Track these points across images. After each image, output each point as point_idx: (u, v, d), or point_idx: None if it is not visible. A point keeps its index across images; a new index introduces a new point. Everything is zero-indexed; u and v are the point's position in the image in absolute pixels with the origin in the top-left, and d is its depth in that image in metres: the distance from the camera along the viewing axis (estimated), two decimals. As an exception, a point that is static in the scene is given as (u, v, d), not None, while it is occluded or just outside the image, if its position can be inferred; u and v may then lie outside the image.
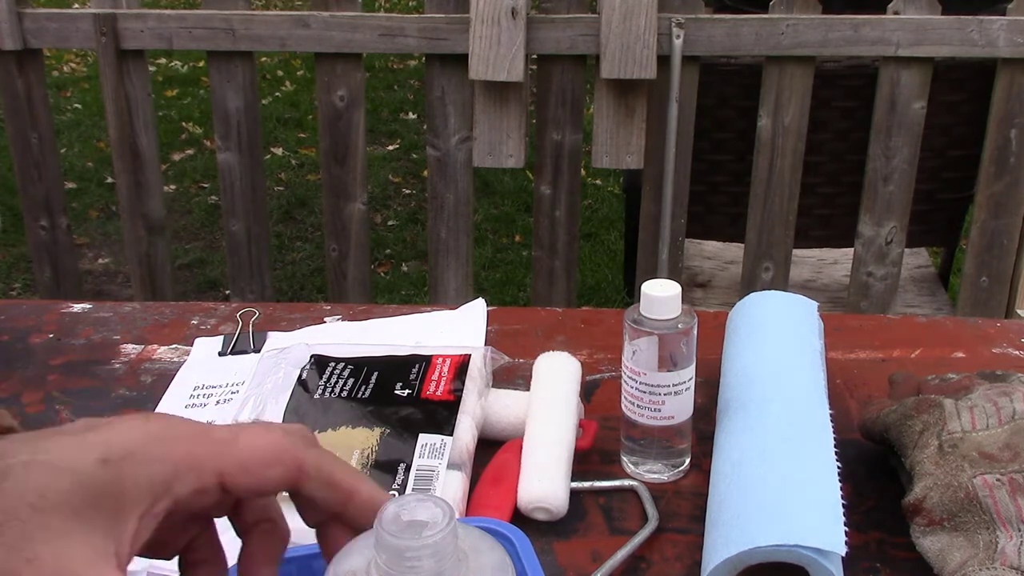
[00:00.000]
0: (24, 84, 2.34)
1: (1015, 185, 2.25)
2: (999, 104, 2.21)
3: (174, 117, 4.74)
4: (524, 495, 0.81)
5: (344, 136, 2.34)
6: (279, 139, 4.52)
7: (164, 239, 2.46)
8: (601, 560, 0.76)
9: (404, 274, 3.41)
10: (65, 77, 5.37)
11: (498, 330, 1.12)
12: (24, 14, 2.26)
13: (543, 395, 0.91)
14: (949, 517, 0.71)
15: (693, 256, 2.69)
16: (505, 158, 2.29)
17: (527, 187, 3.88)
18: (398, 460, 0.83)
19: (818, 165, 2.33)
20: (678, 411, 0.85)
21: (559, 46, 2.20)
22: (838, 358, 1.06)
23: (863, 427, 0.86)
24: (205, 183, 4.06)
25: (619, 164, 2.28)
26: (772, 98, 2.21)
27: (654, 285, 0.82)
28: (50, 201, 2.44)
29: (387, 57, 5.54)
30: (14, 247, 3.53)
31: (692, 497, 0.85)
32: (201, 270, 3.42)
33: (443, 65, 2.26)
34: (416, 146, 4.43)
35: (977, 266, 2.32)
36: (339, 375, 0.95)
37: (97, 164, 4.17)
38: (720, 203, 2.45)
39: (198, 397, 1.01)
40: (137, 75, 2.31)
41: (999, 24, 2.13)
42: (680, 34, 2.15)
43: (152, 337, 1.11)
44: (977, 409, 0.74)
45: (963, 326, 1.13)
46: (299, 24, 2.24)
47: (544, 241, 2.38)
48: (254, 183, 2.39)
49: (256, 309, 1.16)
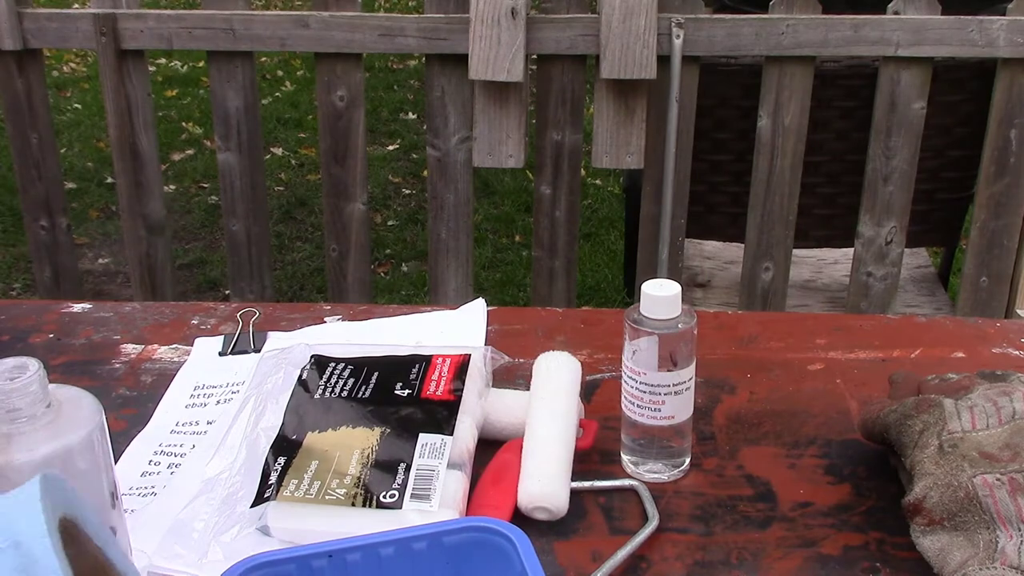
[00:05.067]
0: (24, 84, 2.34)
1: (1015, 185, 2.25)
2: (999, 104, 2.21)
3: (174, 117, 4.74)
4: (524, 495, 0.81)
5: (344, 136, 2.34)
6: (279, 139, 4.52)
7: (164, 239, 2.46)
8: (601, 560, 0.76)
9: (404, 274, 3.41)
10: (65, 77, 5.37)
11: (498, 330, 1.12)
12: (24, 14, 2.26)
13: (543, 395, 0.91)
14: (949, 517, 0.71)
15: (693, 256, 2.69)
16: (505, 158, 2.29)
17: (527, 187, 3.88)
18: (398, 460, 0.83)
19: (818, 165, 2.33)
20: (678, 411, 0.85)
21: (559, 46, 2.20)
22: (838, 358, 1.06)
23: (863, 427, 0.86)
24: (205, 183, 4.06)
25: (619, 164, 2.27)
26: (772, 98, 2.21)
27: (654, 285, 0.82)
28: (50, 201, 2.44)
29: (387, 57, 5.54)
30: (14, 247, 3.53)
31: (692, 497, 0.85)
32: (201, 270, 3.42)
33: (443, 65, 2.26)
34: (416, 146, 4.42)
35: (977, 266, 2.32)
36: (339, 375, 0.95)
37: (97, 164, 4.17)
38: (720, 203, 2.45)
39: (198, 397, 1.01)
40: (137, 75, 2.31)
41: (999, 24, 2.13)
42: (680, 34, 2.14)
43: (152, 337, 1.11)
44: (977, 409, 0.74)
45: (963, 326, 1.13)
46: (299, 24, 2.24)
47: (544, 241, 2.38)
48: (254, 183, 2.39)
49: (256, 309, 1.16)
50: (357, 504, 0.79)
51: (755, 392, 1.00)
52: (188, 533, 0.79)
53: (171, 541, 0.79)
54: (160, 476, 0.89)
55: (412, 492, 0.79)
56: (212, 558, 0.76)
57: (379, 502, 0.79)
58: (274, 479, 0.82)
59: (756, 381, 1.02)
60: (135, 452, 0.93)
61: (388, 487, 0.80)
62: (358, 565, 0.64)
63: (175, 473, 0.89)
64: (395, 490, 0.80)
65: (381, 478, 0.81)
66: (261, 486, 0.82)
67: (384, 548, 0.65)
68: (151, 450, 0.93)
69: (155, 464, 0.91)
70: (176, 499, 0.84)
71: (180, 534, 0.79)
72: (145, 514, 0.83)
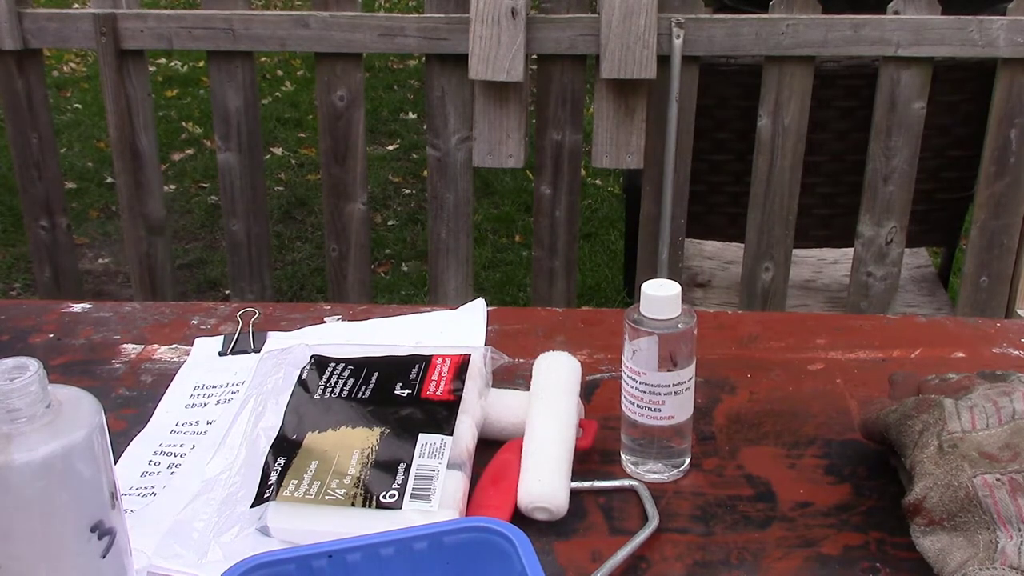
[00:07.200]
0: (24, 84, 2.34)
1: (1015, 185, 2.25)
2: (999, 104, 2.21)
3: (174, 117, 4.74)
4: (524, 495, 0.81)
5: (344, 136, 2.34)
6: (279, 139, 4.52)
7: (164, 239, 2.46)
8: (601, 560, 0.76)
9: (404, 274, 3.41)
10: (65, 77, 5.37)
11: (498, 330, 1.12)
12: (24, 14, 2.26)
13: (543, 395, 0.91)
14: (949, 517, 0.71)
15: (693, 256, 2.69)
16: (505, 158, 2.29)
17: (527, 187, 3.88)
18: (398, 460, 0.83)
19: (818, 165, 2.33)
20: (678, 411, 0.84)
21: (559, 46, 2.20)
22: (838, 358, 1.06)
23: (863, 427, 0.86)
24: (205, 183, 4.06)
25: (619, 164, 2.28)
26: (772, 98, 2.21)
27: (654, 285, 0.82)
28: (50, 201, 2.44)
29: (387, 57, 5.54)
30: (14, 247, 3.53)
31: (692, 497, 0.85)
32: (201, 270, 3.42)
33: (443, 65, 2.26)
34: (416, 146, 4.42)
35: (977, 266, 2.32)
36: (339, 375, 0.95)
37: (97, 164, 4.17)
38: (720, 203, 2.45)
39: (198, 397, 1.01)
40: (137, 75, 2.31)
41: (999, 24, 2.13)
42: (680, 34, 2.15)
43: (152, 337, 1.11)
44: (977, 409, 0.74)
45: (963, 326, 1.13)
46: (299, 24, 2.24)
47: (544, 241, 2.38)
48: (254, 183, 2.39)
49: (256, 309, 1.16)
50: (357, 504, 0.79)
51: (755, 392, 1.00)
52: (188, 533, 0.79)
53: (171, 541, 0.79)
54: (160, 476, 0.89)
55: (412, 492, 0.79)
56: (212, 558, 0.76)
57: (379, 502, 0.79)
58: (274, 479, 0.82)
59: (756, 381, 1.02)
60: (135, 452, 0.93)
61: (388, 487, 0.80)
62: (358, 565, 0.64)
63: (175, 473, 0.89)
64: (395, 490, 0.80)
65: (381, 478, 0.81)
66: (261, 486, 0.82)
67: (384, 548, 0.65)
68: (151, 450, 0.93)
69: (155, 464, 0.91)
70: (176, 499, 0.84)
71: (180, 534, 0.79)
72: (145, 514, 0.83)
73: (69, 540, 0.61)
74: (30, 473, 0.59)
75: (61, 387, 0.64)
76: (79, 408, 0.62)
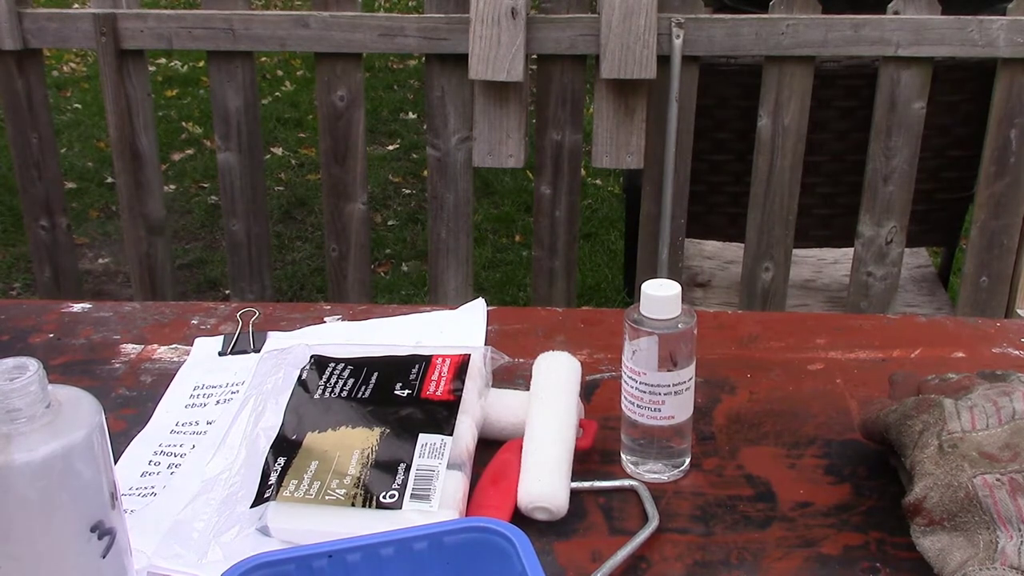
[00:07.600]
0: (24, 84, 2.34)
1: (1015, 185, 2.25)
2: (999, 104, 2.21)
3: (174, 117, 4.74)
4: (524, 495, 0.81)
5: (344, 136, 2.34)
6: (279, 139, 4.52)
7: (164, 239, 2.46)
8: (601, 560, 0.76)
9: (404, 274, 3.41)
10: (65, 77, 5.37)
11: (498, 330, 1.12)
12: (24, 14, 2.26)
13: (543, 395, 0.91)
14: (949, 517, 0.71)
15: (693, 256, 2.69)
16: (505, 158, 2.29)
17: (527, 187, 3.88)
18: (398, 460, 0.83)
19: (818, 165, 2.33)
20: (678, 411, 0.84)
21: (559, 46, 2.20)
22: (838, 358, 1.06)
23: (863, 427, 0.86)
24: (205, 183, 4.06)
25: (619, 164, 2.27)
26: (772, 98, 2.21)
27: (654, 285, 0.82)
28: (50, 201, 2.44)
29: (387, 57, 5.54)
30: (14, 247, 3.53)
31: (692, 497, 0.85)
32: (201, 270, 3.42)
33: (443, 65, 2.26)
34: (416, 146, 4.42)
35: (977, 266, 2.32)
36: (339, 375, 0.95)
37: (97, 164, 4.17)
38: (720, 203, 2.45)
39: (198, 397, 1.01)
40: (137, 75, 2.31)
41: (999, 24, 2.13)
42: (680, 34, 2.14)
43: (152, 337, 1.11)
44: (977, 409, 0.74)
45: (963, 326, 1.13)
46: (299, 24, 2.24)
47: (544, 241, 2.38)
48: (254, 183, 2.39)
49: (256, 309, 1.16)
50: (357, 504, 0.79)
51: (755, 392, 1.00)
52: (188, 533, 0.79)
53: (171, 541, 0.79)
54: (160, 476, 0.89)
55: (412, 492, 0.79)
56: (212, 558, 0.76)
57: (379, 502, 0.79)
58: (274, 479, 0.82)
59: (756, 381, 1.02)
60: (135, 452, 0.93)
61: (388, 487, 0.80)
62: (358, 565, 0.64)
63: (175, 473, 0.89)
64: (395, 490, 0.79)
65: (381, 478, 0.81)
66: (261, 486, 0.82)
67: (384, 548, 0.65)
68: (151, 450, 0.93)
69: (155, 464, 0.91)
70: (176, 499, 0.84)
71: (180, 534, 0.79)
72: (145, 514, 0.83)
73: (69, 540, 0.61)
74: (30, 473, 0.59)
75: (61, 387, 0.64)
76: (79, 408, 0.62)
